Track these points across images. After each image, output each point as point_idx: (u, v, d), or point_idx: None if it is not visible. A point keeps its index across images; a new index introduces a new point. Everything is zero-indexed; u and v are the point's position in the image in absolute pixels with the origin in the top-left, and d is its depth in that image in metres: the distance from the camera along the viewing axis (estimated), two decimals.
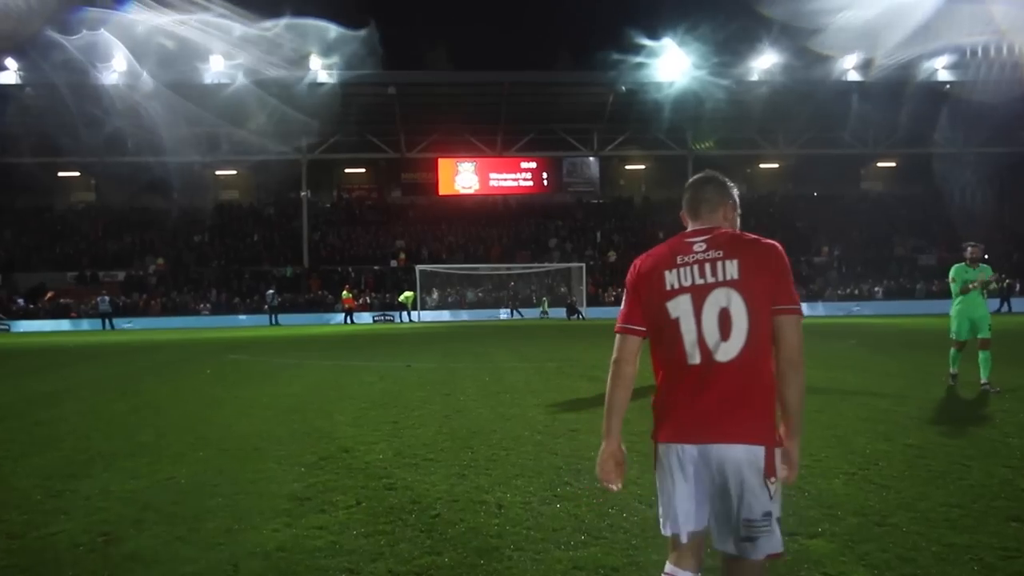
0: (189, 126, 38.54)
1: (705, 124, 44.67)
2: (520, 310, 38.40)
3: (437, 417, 7.93)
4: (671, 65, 39.68)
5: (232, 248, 46.90)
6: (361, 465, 5.75)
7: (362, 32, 35.23)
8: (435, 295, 40.26)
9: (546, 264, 41.62)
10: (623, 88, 40.26)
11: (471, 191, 47.23)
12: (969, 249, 9.65)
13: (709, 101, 41.17)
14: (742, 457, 2.27)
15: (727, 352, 2.33)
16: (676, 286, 2.42)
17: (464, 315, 38.94)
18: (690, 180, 2.71)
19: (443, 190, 47.15)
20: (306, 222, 46.02)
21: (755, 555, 2.30)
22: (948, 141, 47.95)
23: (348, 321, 35.24)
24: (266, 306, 36.59)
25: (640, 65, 39.65)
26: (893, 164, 55.24)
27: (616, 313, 2.63)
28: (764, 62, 39.90)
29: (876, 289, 40.97)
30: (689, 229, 2.58)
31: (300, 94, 37.80)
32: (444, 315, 38.46)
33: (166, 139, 38.05)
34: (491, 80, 40.35)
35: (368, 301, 40.04)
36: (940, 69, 40.64)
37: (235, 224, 49.46)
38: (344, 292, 36.17)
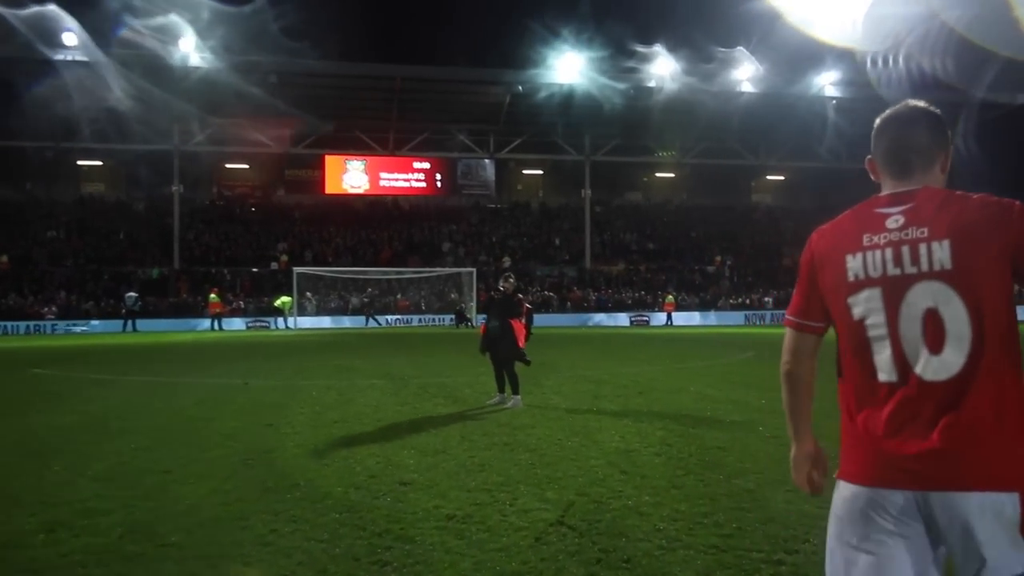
0: (42, 107, 34.38)
1: (602, 130, 44.06)
2: (376, 317, 36.22)
3: (231, 464, 5.94)
4: (569, 69, 38.72)
5: (92, 246, 42.51)
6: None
7: (245, 10, 32.26)
8: (314, 300, 37.56)
9: (436, 269, 39.64)
10: (520, 88, 38.95)
11: (360, 191, 44.80)
12: None
13: (607, 106, 40.51)
14: (982, 507, 1.60)
15: (939, 370, 1.67)
16: (862, 276, 1.77)
17: (347, 321, 36.47)
18: (885, 115, 1.92)
19: (330, 189, 44.49)
20: (178, 219, 42.29)
21: None
22: (833, 156, 49.40)
23: (215, 327, 32.13)
24: (124, 310, 32.91)
25: (538, 66, 38.53)
26: (782, 177, 56.60)
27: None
28: (662, 69, 39.50)
29: (766, 299, 41.29)
30: (884, 192, 1.86)
31: (172, 77, 34.51)
32: (325, 321, 35.87)
33: (17, 121, 33.91)
34: (382, 74, 38.17)
35: (242, 306, 36.93)
36: (827, 85, 41.40)
37: (98, 219, 44.98)
38: (211, 296, 32.92)
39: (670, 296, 39.24)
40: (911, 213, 1.75)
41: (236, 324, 34.27)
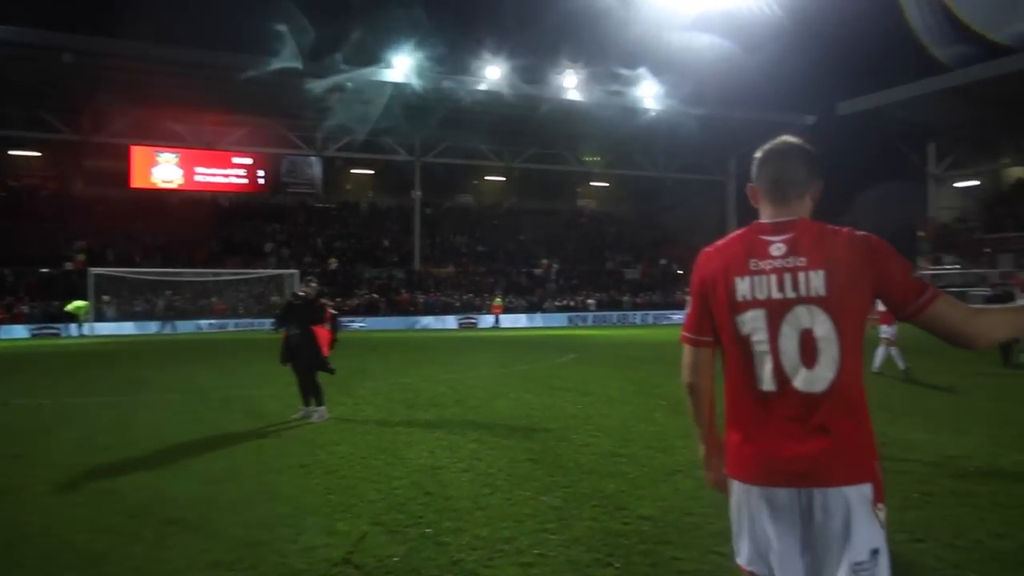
0: None
1: (433, 131, 43.69)
2: (174, 322, 33.71)
3: None
4: (402, 68, 38.00)
5: None
6: None
7: None
8: (114, 304, 34.12)
9: (255, 270, 37.37)
10: (348, 85, 37.62)
11: (172, 186, 41.37)
12: None
13: (438, 108, 40.22)
14: (853, 498, 1.88)
15: (813, 382, 1.92)
16: (749, 298, 1.99)
17: (153, 327, 33.37)
18: (765, 149, 2.13)
19: (137, 182, 40.72)
20: None
21: None
22: (651, 165, 52.29)
23: None
24: None
25: (369, 63, 37.47)
26: (607, 184, 59.12)
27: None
28: (493, 73, 39.80)
29: (590, 301, 42.77)
30: (766, 220, 2.07)
31: None
32: (127, 327, 32.66)
33: None
34: (191, 59, 35.29)
35: (26, 311, 32.84)
36: (647, 97, 43.62)
37: None
38: None
39: (498, 299, 39.62)
40: (791, 243, 1.97)
41: (17, 332, 30.38)
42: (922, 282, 1.97)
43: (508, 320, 38.34)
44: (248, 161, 42.57)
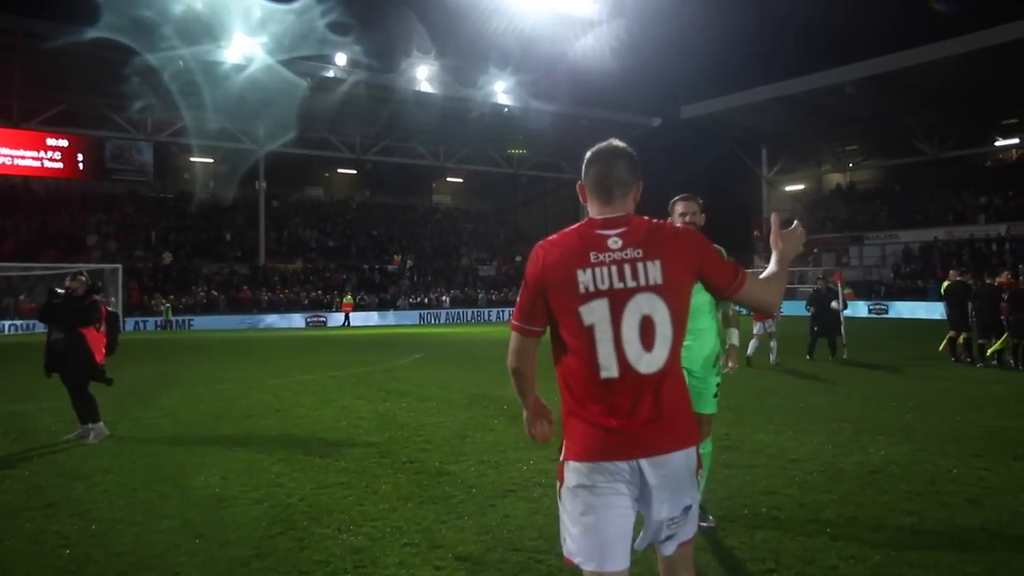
0: None
1: (278, 119, 41.23)
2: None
3: None
4: (242, 48, 35.47)
5: None
6: None
7: None
8: None
9: (70, 265, 33.50)
10: (181, 64, 34.65)
11: None
12: None
13: (281, 95, 37.90)
14: (681, 461, 2.12)
15: (651, 364, 2.09)
16: (591, 289, 2.09)
17: None
18: (594, 151, 2.32)
19: None
20: None
21: (672, 549, 2.19)
22: (505, 162, 52.27)
23: None
24: None
25: (208, 42, 34.66)
26: (461, 180, 58.53)
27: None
28: (341, 59, 38.08)
29: (444, 298, 41.99)
30: (597, 216, 2.22)
31: None
32: None
33: None
34: None
35: None
36: (500, 93, 43.38)
37: None
38: None
39: (348, 296, 37.93)
40: (627, 236, 2.13)
41: None
42: (734, 265, 2.26)
43: (359, 318, 36.82)
44: (64, 143, 38.25)
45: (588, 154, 2.29)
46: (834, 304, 13.92)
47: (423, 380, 11.35)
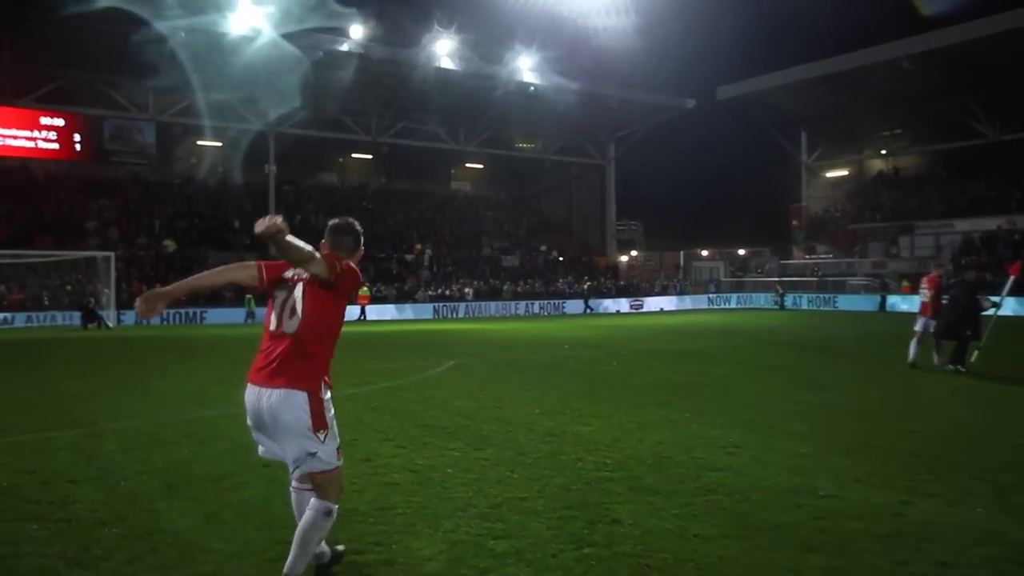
0: None
1: (287, 97, 38.48)
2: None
3: None
4: (248, 18, 32.77)
5: None
6: None
7: None
8: None
9: (63, 253, 31.03)
10: (182, 35, 32.00)
11: None
12: None
13: (289, 71, 35.16)
14: (284, 397, 3.35)
15: (290, 328, 3.47)
16: (287, 277, 3.49)
17: None
18: (332, 223, 3.67)
19: None
20: None
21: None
22: (530, 145, 49.32)
23: None
24: None
25: (207, 11, 32.00)
26: (480, 166, 55.70)
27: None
28: (356, 32, 35.27)
29: (467, 290, 39.22)
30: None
31: None
32: None
33: None
34: None
35: None
36: (526, 71, 40.45)
37: None
38: None
39: (364, 287, 35.05)
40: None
41: None
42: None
43: (375, 311, 34.16)
44: (60, 123, 35.73)
45: (331, 222, 3.68)
46: (993, 299, 11.12)
47: (470, 406, 8.58)
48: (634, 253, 58.62)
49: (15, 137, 34.81)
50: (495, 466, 5.76)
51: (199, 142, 46.24)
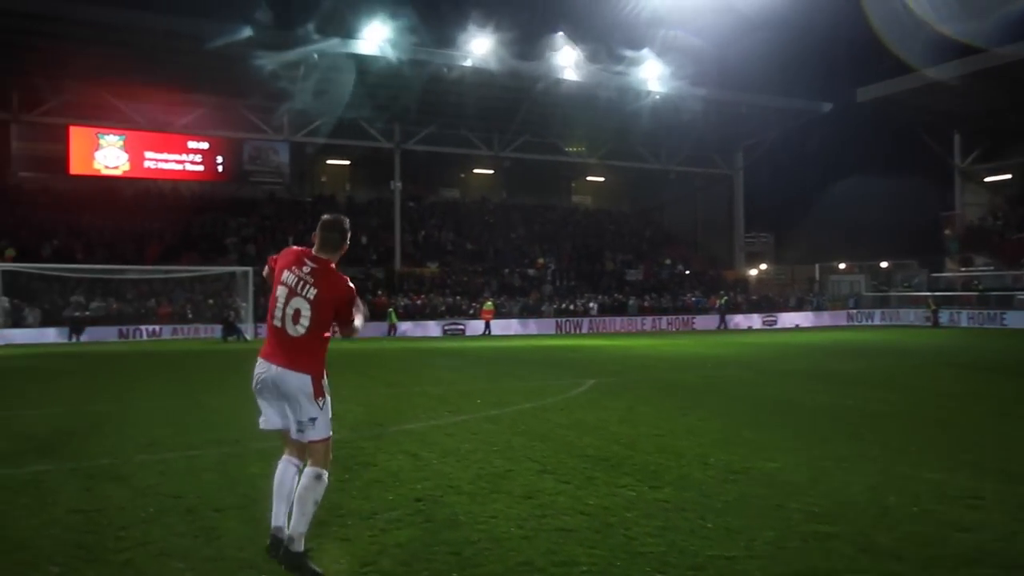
0: None
1: (414, 114, 39.16)
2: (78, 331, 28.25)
3: None
4: (377, 38, 33.45)
5: None
6: None
7: None
8: (35, 310, 29.27)
9: (202, 268, 32.58)
10: (315, 57, 33.08)
11: (118, 172, 36.59)
12: None
13: (418, 88, 35.70)
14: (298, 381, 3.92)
15: (296, 331, 3.91)
16: (285, 282, 3.94)
17: (82, 336, 28.35)
18: (324, 219, 4.08)
19: (76, 168, 35.92)
20: None
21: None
22: (654, 157, 47.89)
23: None
24: None
25: (339, 33, 32.97)
26: (602, 179, 54.82)
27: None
28: (479, 47, 35.31)
29: (591, 305, 38.30)
30: (314, 251, 4.00)
31: None
32: (49, 335, 27.87)
33: None
34: (138, 24, 30.57)
35: None
36: (651, 79, 39.26)
37: None
38: None
39: (488, 302, 34.90)
40: (313, 270, 3.89)
41: None
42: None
43: (499, 326, 33.84)
44: (204, 146, 37.85)
45: (322, 218, 4.08)
46: None
47: (627, 433, 7.73)
48: (763, 266, 55.83)
49: (166, 161, 37.13)
50: (680, 511, 4.90)
51: (328, 161, 48.02)
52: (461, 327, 34.05)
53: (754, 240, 51.76)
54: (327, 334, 3.95)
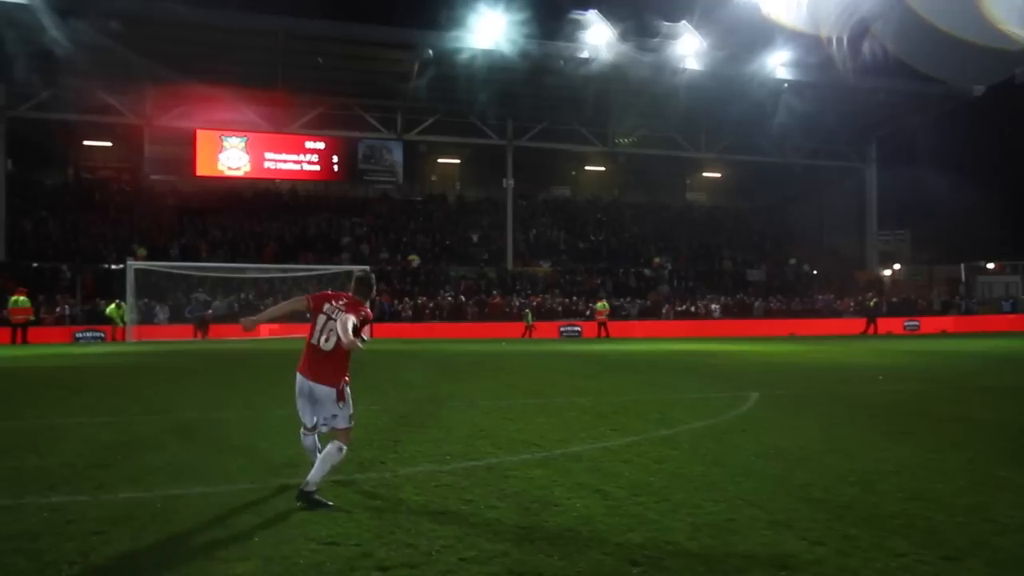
0: None
1: (527, 109, 38.22)
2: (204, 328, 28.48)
3: None
4: (489, 32, 32.66)
5: None
6: None
7: None
8: (166, 307, 30.07)
9: (323, 267, 32.71)
10: (430, 53, 32.63)
11: (239, 173, 37.46)
12: None
13: (533, 81, 34.72)
14: (326, 392, 5.17)
15: (327, 345, 5.15)
16: (327, 312, 5.17)
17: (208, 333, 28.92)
18: (357, 276, 5.49)
19: (202, 170, 37.01)
20: (3, 200, 34.22)
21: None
22: (777, 149, 45.00)
23: (18, 340, 24.28)
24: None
25: (454, 27, 32.38)
26: (718, 175, 52.30)
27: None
28: (597, 36, 33.89)
29: (714, 307, 36.19)
30: (350, 292, 5.39)
31: None
32: (175, 332, 28.50)
33: None
34: (259, 26, 31.09)
35: (68, 311, 29.22)
36: (779, 66, 36.70)
37: None
38: (14, 298, 24.79)
39: (602, 303, 33.10)
40: (346, 303, 5.18)
41: (63, 336, 26.67)
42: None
43: (617, 328, 32.29)
44: (321, 146, 38.23)
45: (356, 275, 5.55)
46: None
47: (845, 466, 6.22)
48: (896, 266, 51.67)
49: (285, 161, 37.70)
50: None
51: (439, 160, 47.86)
52: (577, 329, 32.72)
53: (889, 237, 47.75)
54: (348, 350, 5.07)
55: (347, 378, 5.15)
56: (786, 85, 37.17)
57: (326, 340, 5.07)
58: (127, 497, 5.20)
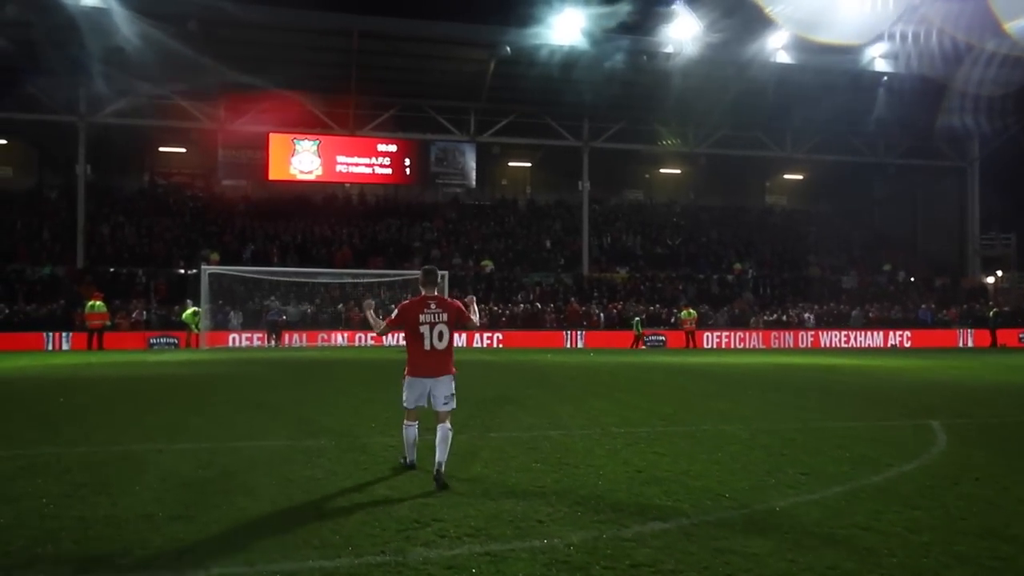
0: None
1: (604, 109, 36.58)
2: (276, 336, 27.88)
3: None
4: (567, 28, 31.22)
5: None
6: None
7: None
8: (239, 312, 29.49)
9: (394, 272, 31.71)
10: (507, 51, 31.37)
11: (311, 176, 36.81)
12: None
13: (612, 79, 33.07)
14: (446, 379, 6.13)
15: (442, 345, 6.08)
16: (424, 321, 6.01)
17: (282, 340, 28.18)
18: (424, 269, 6.34)
19: (274, 174, 36.48)
20: (83, 208, 34.35)
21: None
22: (869, 150, 42.21)
23: (94, 346, 23.85)
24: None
25: (529, 24, 31.07)
26: (800, 177, 49.56)
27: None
28: (683, 30, 32.07)
29: (807, 315, 33.85)
30: (425, 293, 6.17)
31: (61, 24, 26.91)
32: (249, 338, 27.81)
33: None
34: (334, 26, 30.38)
35: (144, 316, 28.88)
36: (877, 58, 34.22)
37: None
38: (91, 303, 24.40)
39: (687, 311, 31.19)
40: (436, 303, 6.11)
41: (136, 342, 26.25)
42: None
43: (703, 338, 30.36)
44: (392, 148, 37.31)
45: (423, 268, 6.35)
46: None
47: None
48: (999, 273, 48.00)
49: (356, 165, 36.94)
50: None
51: (509, 163, 46.59)
52: (662, 339, 30.91)
53: (993, 242, 44.32)
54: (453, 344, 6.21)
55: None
56: (885, 78, 34.60)
57: (439, 339, 6.02)
58: (220, 574, 3.89)
